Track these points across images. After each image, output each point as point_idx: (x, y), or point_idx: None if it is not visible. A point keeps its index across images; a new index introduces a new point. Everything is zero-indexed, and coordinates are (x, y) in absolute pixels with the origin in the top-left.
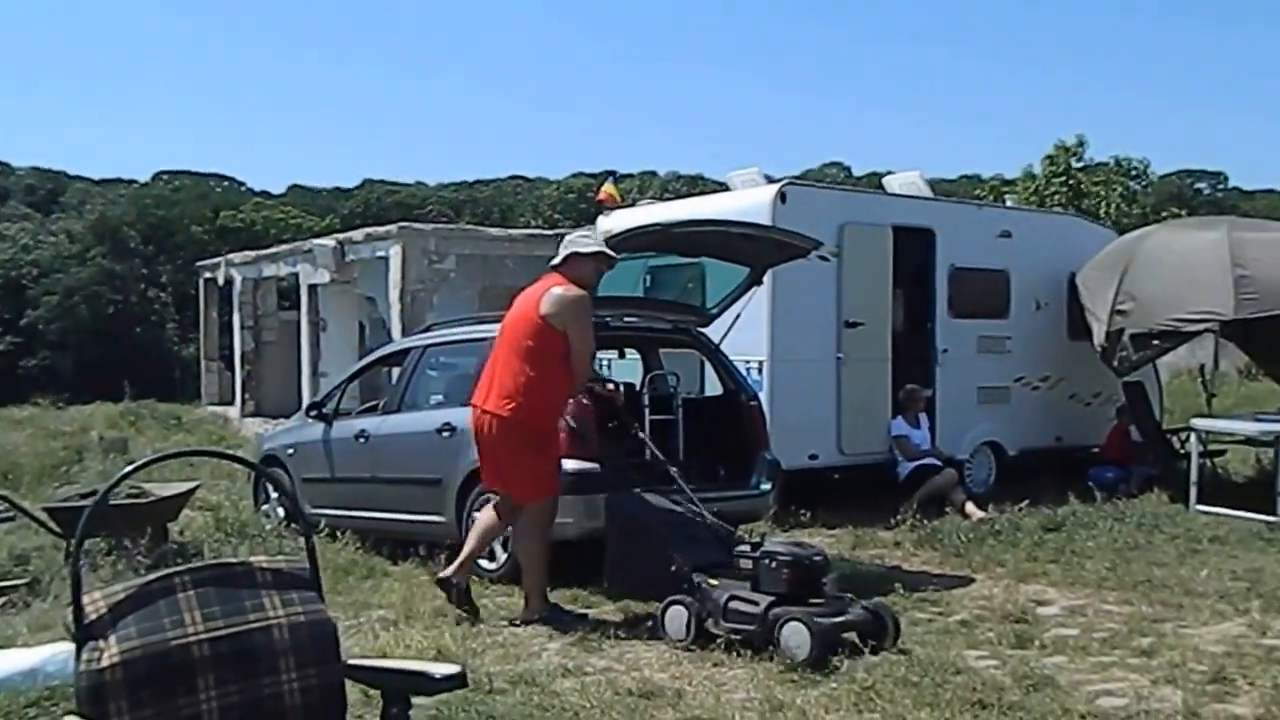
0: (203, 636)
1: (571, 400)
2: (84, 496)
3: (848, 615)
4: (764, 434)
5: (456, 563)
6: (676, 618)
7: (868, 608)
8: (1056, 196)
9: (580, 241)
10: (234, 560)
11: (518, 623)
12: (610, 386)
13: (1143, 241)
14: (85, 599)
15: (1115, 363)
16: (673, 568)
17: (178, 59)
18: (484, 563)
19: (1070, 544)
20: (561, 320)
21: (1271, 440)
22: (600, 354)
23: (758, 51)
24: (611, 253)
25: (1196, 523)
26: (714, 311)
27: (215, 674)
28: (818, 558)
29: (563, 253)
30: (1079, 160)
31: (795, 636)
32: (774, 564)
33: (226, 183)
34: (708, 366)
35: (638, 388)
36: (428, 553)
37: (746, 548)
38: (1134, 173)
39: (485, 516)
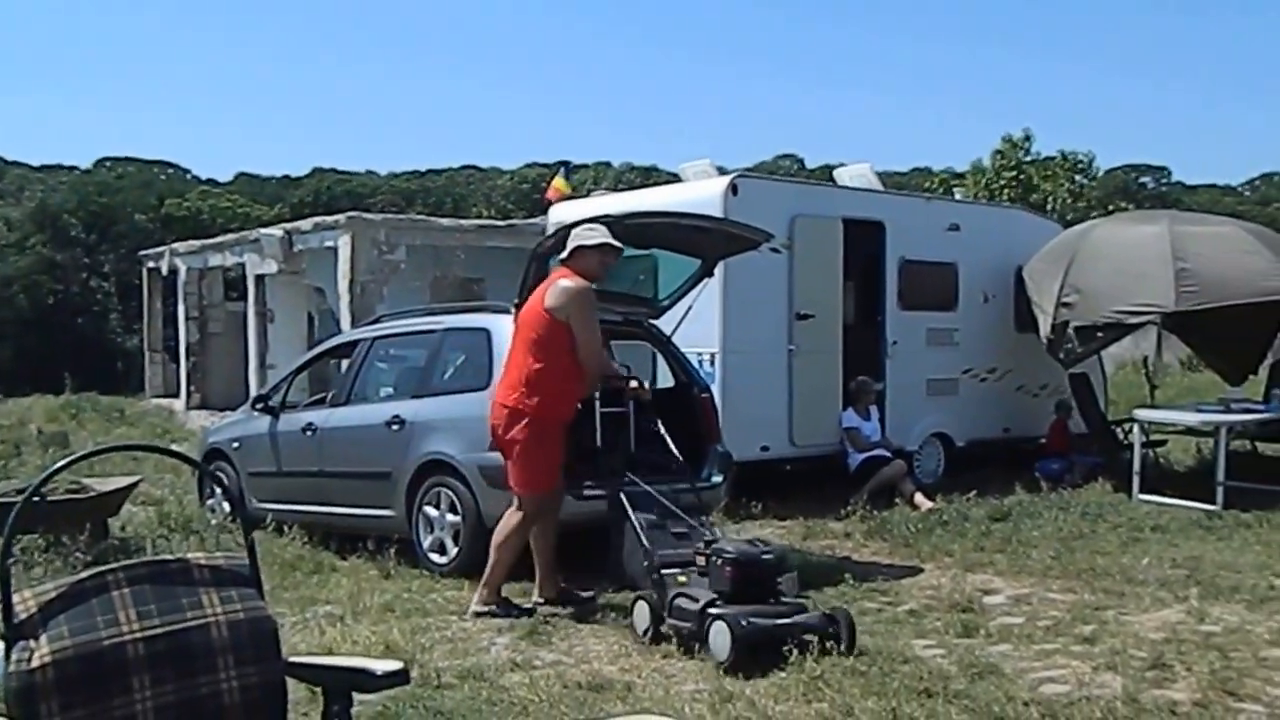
0: (137, 635)
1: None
2: (20, 492)
3: (791, 618)
4: (716, 426)
5: (539, 582)
6: (640, 612)
7: (826, 613)
8: (1006, 190)
9: (585, 234)
10: (171, 557)
11: (466, 615)
12: (632, 382)
13: (1087, 235)
14: (15, 598)
15: (1061, 355)
16: (644, 562)
17: (121, 43)
18: (435, 557)
19: (1016, 533)
20: (565, 312)
21: (1211, 430)
22: None
23: (714, 43)
24: (617, 244)
25: (1139, 512)
26: (665, 303)
27: (151, 673)
28: (767, 556)
29: (569, 246)
30: (1026, 154)
31: (719, 637)
32: (719, 561)
33: (172, 170)
34: (659, 358)
35: None
36: (376, 547)
37: (702, 544)
38: (1080, 166)
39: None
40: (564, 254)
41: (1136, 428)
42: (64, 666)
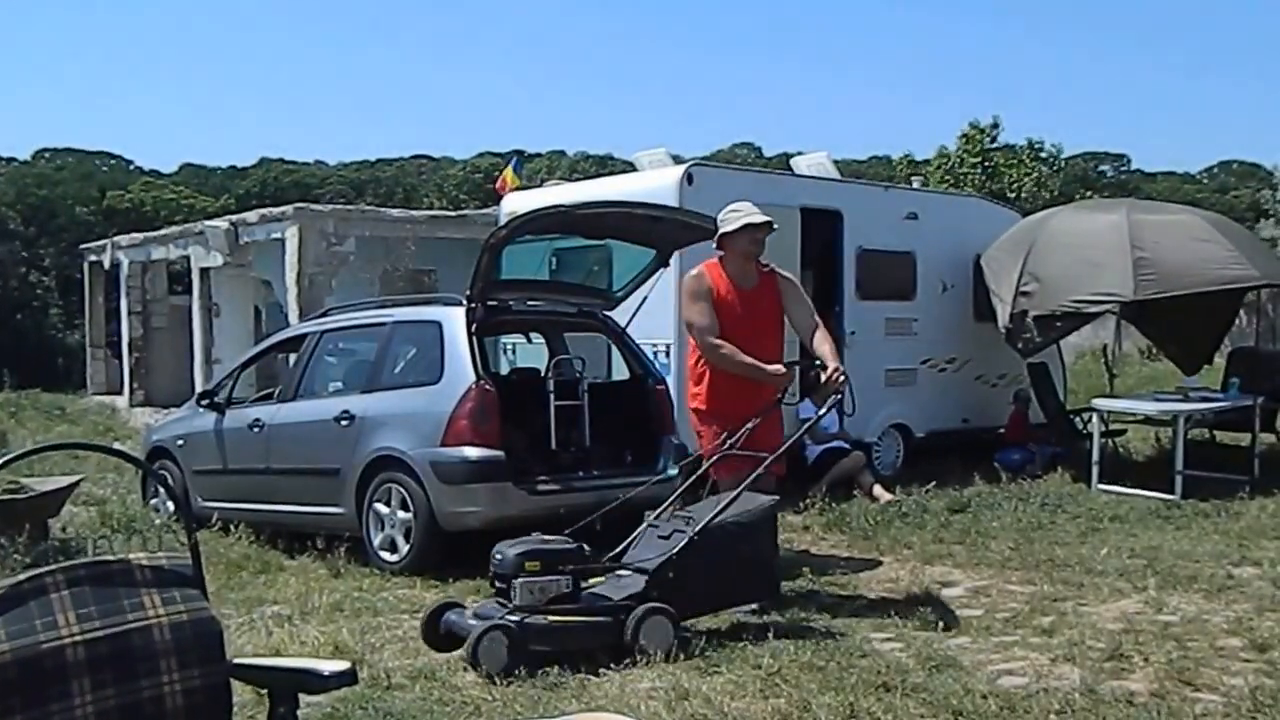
0: (77, 638)
1: (475, 387)
2: None
3: (533, 620)
4: (670, 418)
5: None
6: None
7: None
8: (970, 176)
9: (727, 219)
10: (112, 558)
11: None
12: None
13: (1045, 224)
14: None
15: (1019, 344)
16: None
17: (60, 31)
18: (385, 555)
19: (976, 525)
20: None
21: (1170, 420)
22: (505, 338)
23: (670, 28)
24: (758, 219)
25: (1098, 502)
26: (620, 294)
27: (91, 677)
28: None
29: (716, 235)
30: (994, 141)
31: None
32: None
33: (113, 161)
34: (614, 350)
35: (543, 373)
36: (325, 546)
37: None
38: (1046, 156)
39: None
40: (714, 244)
41: (1095, 417)
42: (1, 671)
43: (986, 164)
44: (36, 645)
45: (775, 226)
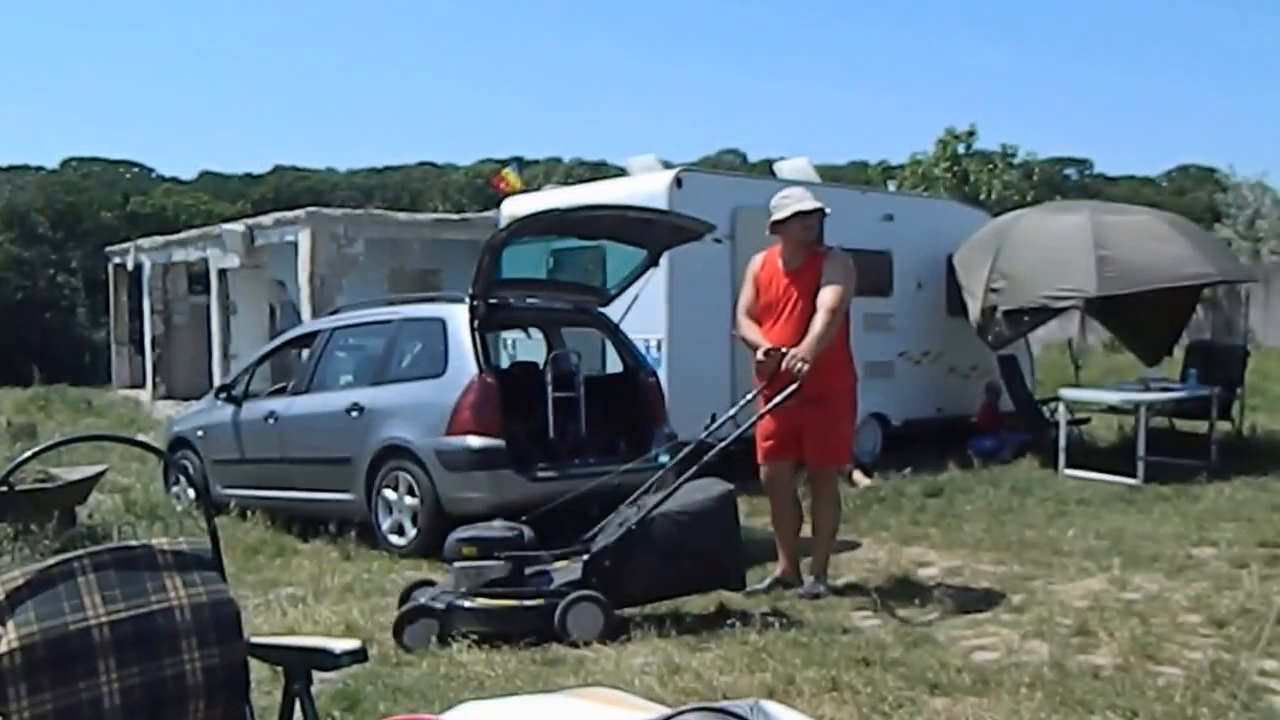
0: (103, 620)
1: (477, 379)
2: None
3: (474, 604)
4: (662, 409)
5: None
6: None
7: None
8: (943, 181)
9: (779, 206)
10: (135, 543)
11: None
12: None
13: (1014, 224)
14: None
15: (990, 337)
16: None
17: (85, 45)
18: (394, 538)
19: (950, 508)
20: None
21: (1132, 409)
22: (505, 334)
23: (660, 40)
24: (808, 206)
25: (1065, 486)
26: (614, 292)
27: (116, 656)
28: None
29: (768, 225)
30: (968, 148)
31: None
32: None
33: (136, 169)
34: (608, 345)
35: (541, 366)
36: (337, 530)
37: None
38: (1017, 162)
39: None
40: (769, 232)
41: (1062, 406)
42: (32, 652)
43: (957, 169)
44: (65, 627)
45: (828, 211)
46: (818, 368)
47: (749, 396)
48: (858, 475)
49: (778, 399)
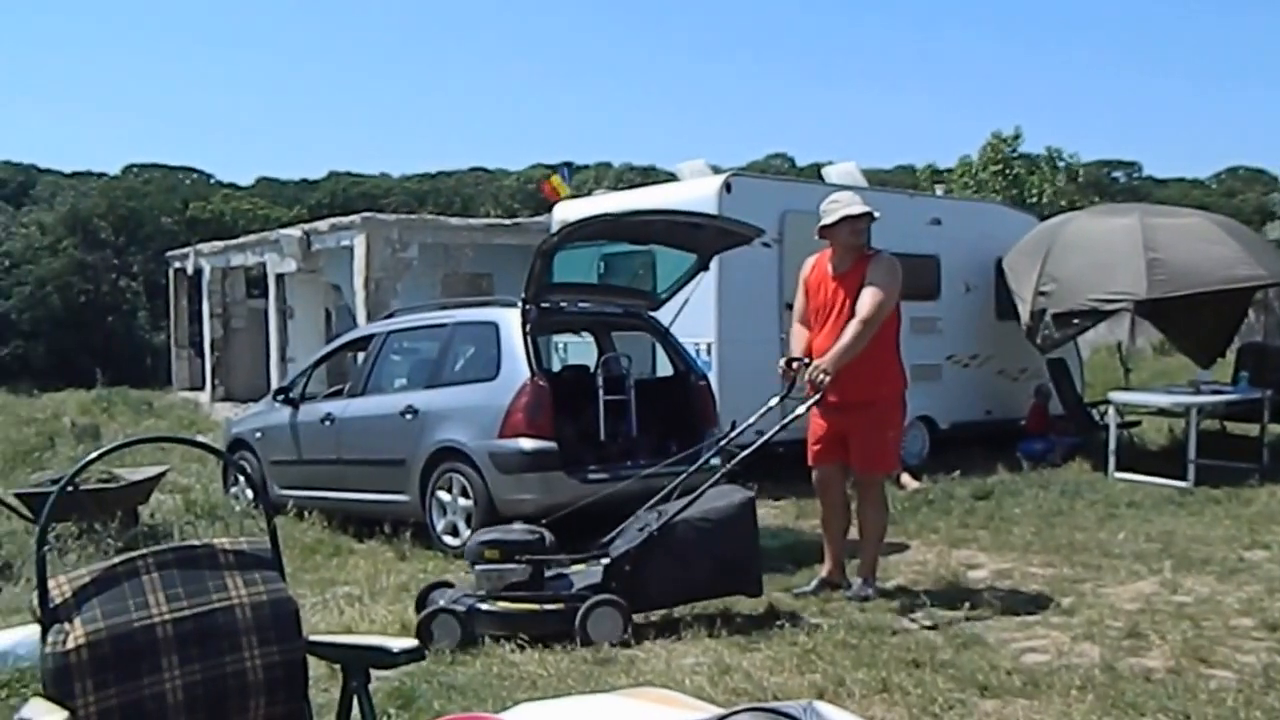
0: (166, 617)
1: (529, 383)
2: (55, 482)
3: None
4: (712, 412)
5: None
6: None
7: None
8: (991, 184)
9: (828, 210)
10: (197, 542)
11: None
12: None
13: (1063, 228)
14: (51, 583)
15: (1039, 340)
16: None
17: (146, 54)
18: (448, 539)
19: (999, 511)
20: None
21: (1183, 411)
22: (557, 337)
23: (709, 44)
24: (857, 210)
25: (1115, 489)
26: (664, 296)
27: (179, 653)
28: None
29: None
30: (1014, 151)
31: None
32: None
33: (196, 175)
34: (658, 348)
35: (592, 369)
36: (392, 531)
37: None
38: (1063, 164)
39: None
40: (817, 236)
41: (1112, 409)
42: (97, 648)
43: (1008, 171)
44: (129, 624)
45: (876, 215)
46: (864, 373)
47: (770, 404)
48: (906, 478)
49: (799, 410)
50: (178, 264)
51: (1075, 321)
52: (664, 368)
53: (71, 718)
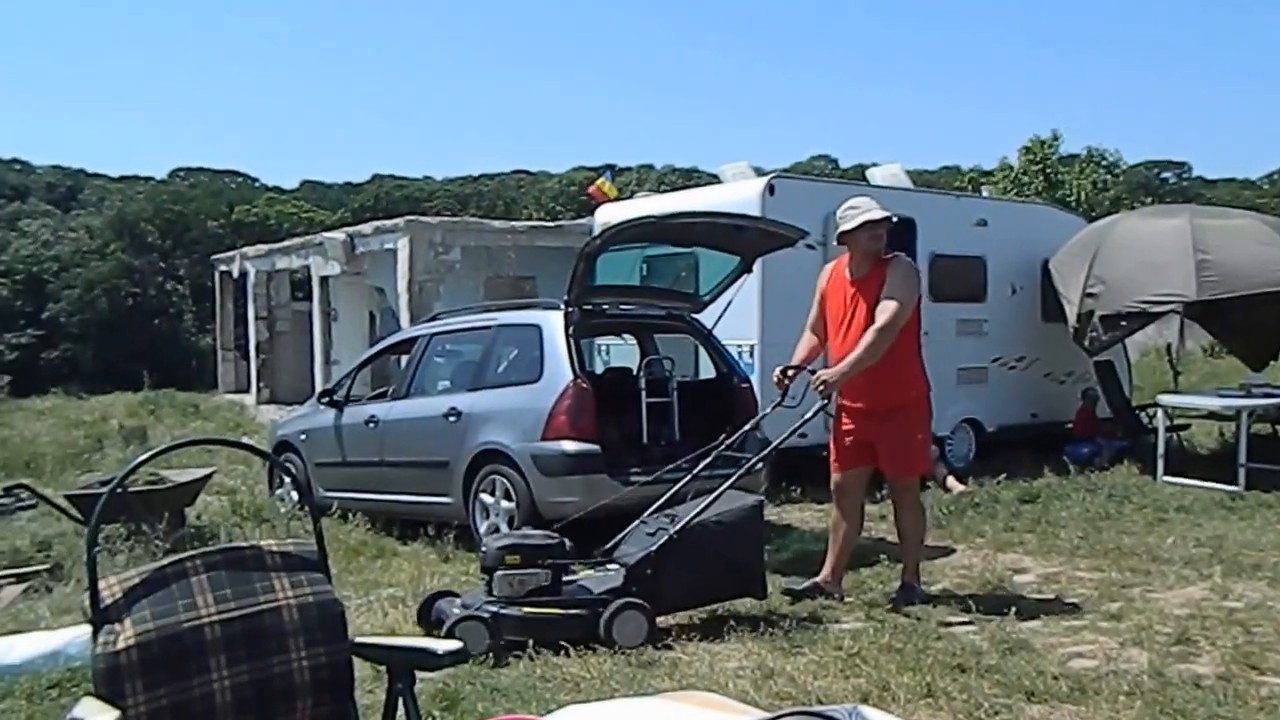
0: (214, 618)
1: (572, 385)
2: (104, 484)
3: (512, 611)
4: (755, 414)
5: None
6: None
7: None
8: (1033, 185)
9: (846, 216)
10: (244, 544)
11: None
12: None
13: (1111, 229)
14: (101, 584)
15: (1086, 343)
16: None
17: (193, 60)
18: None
19: (1045, 515)
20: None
21: (1233, 414)
22: (599, 340)
23: (752, 46)
24: (876, 215)
25: (1163, 493)
26: (706, 298)
27: (227, 654)
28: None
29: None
30: (1054, 153)
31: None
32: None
33: (240, 179)
34: (701, 351)
35: (635, 372)
36: (435, 533)
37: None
38: (1105, 162)
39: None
40: (835, 242)
41: (1160, 412)
42: (147, 648)
43: (1047, 171)
44: (178, 625)
45: (895, 219)
46: (890, 379)
47: (767, 410)
48: (951, 481)
49: (799, 423)
50: (223, 267)
51: (1123, 323)
52: (707, 370)
53: (122, 718)
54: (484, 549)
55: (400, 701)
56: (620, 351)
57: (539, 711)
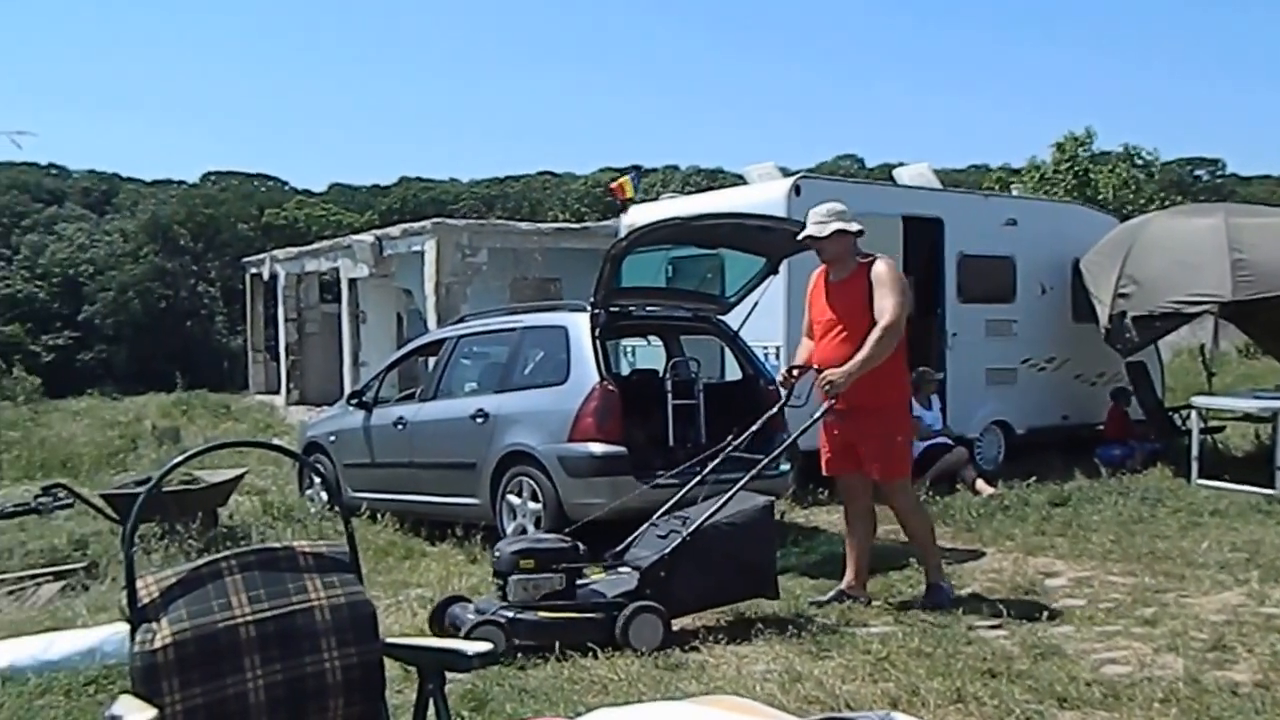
0: (249, 618)
1: (598, 387)
2: (139, 484)
3: (528, 616)
4: (782, 416)
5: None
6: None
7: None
8: (1063, 184)
9: (822, 222)
10: (278, 545)
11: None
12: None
13: (1143, 228)
14: (139, 583)
15: (1119, 344)
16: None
17: (224, 64)
18: None
19: (1077, 518)
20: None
21: (1269, 416)
22: (625, 342)
23: (775, 45)
24: (850, 225)
25: (1198, 496)
26: (732, 300)
27: (261, 654)
28: (514, 552)
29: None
30: (1087, 150)
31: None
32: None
33: (271, 182)
34: (727, 352)
35: (661, 374)
36: (463, 534)
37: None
38: (1140, 161)
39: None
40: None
41: (1194, 414)
42: (183, 647)
43: (1077, 169)
44: (214, 624)
45: (863, 233)
46: (870, 379)
47: (770, 412)
48: (981, 483)
49: (809, 422)
50: (254, 270)
51: (1156, 324)
52: (733, 372)
53: (159, 716)
54: (497, 554)
55: (431, 702)
56: (646, 353)
57: (566, 712)
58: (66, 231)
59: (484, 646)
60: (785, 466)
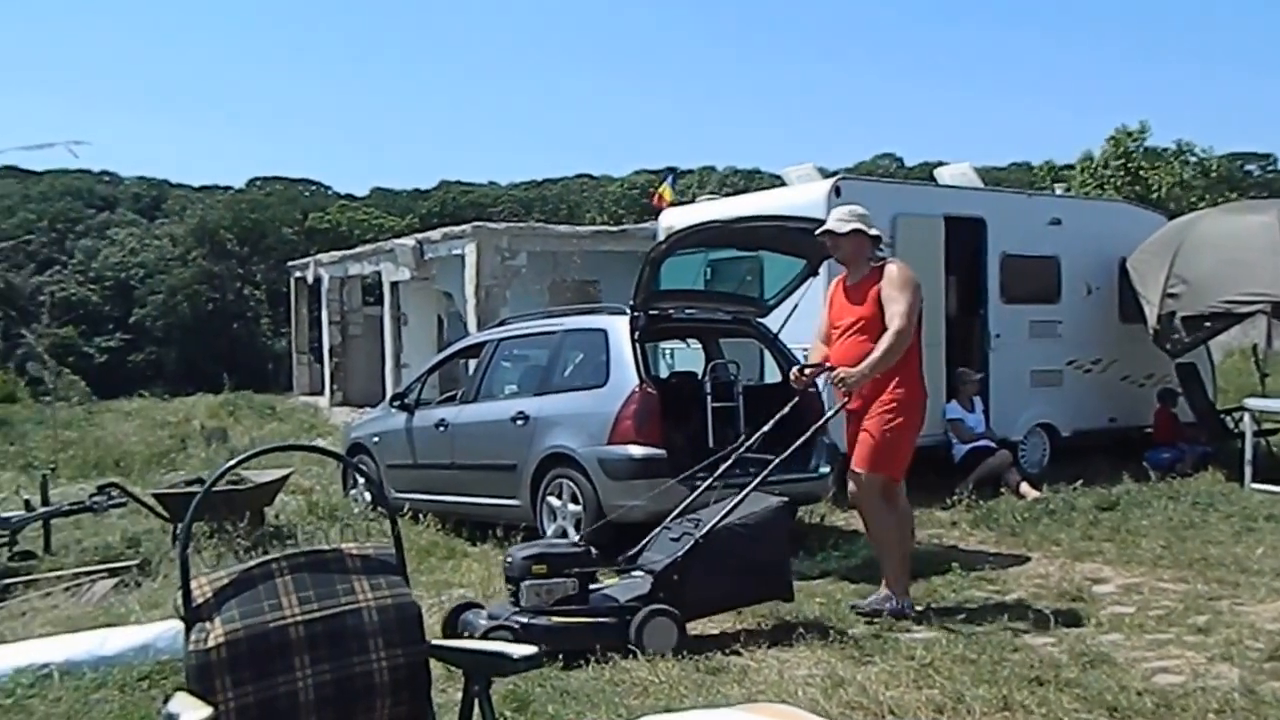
0: (299, 618)
1: (638, 389)
2: (189, 483)
3: (544, 621)
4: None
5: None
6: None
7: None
8: (1114, 179)
9: (844, 219)
10: (326, 547)
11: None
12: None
13: (1193, 226)
14: (193, 583)
15: (1168, 345)
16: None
17: (267, 72)
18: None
19: (1125, 523)
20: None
21: None
22: (665, 344)
23: (813, 44)
24: (870, 229)
25: (1251, 501)
26: (772, 302)
27: (310, 653)
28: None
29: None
30: (1140, 145)
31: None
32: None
33: (314, 187)
34: (767, 355)
35: (700, 376)
36: (504, 534)
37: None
38: (1193, 157)
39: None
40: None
41: (1247, 416)
42: (236, 646)
43: (1130, 166)
44: (265, 624)
45: (887, 241)
46: (880, 379)
47: (781, 413)
48: (1025, 487)
49: (825, 418)
50: (298, 273)
51: (1207, 324)
52: (772, 374)
53: (213, 714)
54: (509, 559)
55: (476, 703)
56: (685, 355)
57: (608, 715)
58: (118, 236)
59: (530, 650)
60: (825, 469)
